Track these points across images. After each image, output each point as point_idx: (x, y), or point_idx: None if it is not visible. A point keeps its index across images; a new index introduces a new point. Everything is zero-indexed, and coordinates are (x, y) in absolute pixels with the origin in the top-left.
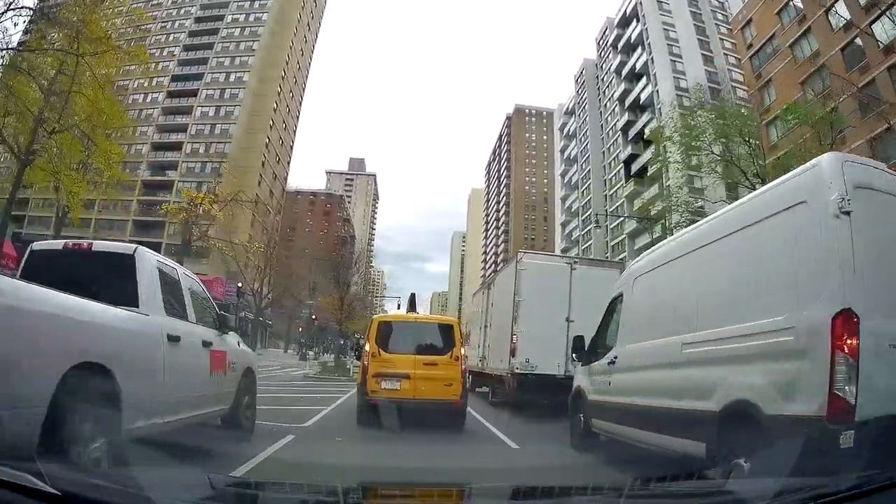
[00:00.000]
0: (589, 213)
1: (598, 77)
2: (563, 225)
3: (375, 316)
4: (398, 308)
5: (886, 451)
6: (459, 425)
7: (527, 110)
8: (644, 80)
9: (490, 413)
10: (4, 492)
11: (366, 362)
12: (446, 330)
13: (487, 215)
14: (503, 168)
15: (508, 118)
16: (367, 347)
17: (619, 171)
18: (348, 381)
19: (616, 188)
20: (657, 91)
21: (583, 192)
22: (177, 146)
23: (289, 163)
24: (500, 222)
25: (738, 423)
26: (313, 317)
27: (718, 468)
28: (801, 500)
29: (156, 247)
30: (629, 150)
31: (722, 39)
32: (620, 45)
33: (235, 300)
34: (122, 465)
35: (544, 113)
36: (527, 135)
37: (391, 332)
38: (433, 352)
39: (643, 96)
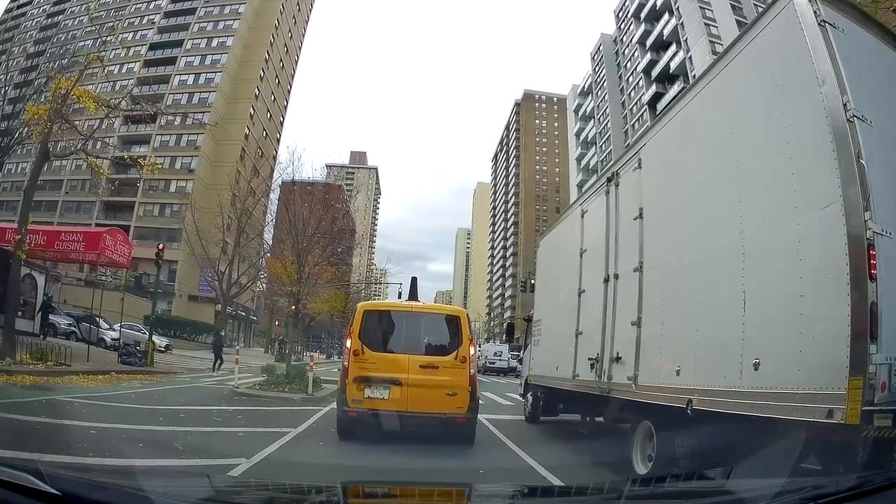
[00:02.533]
0: None
1: (617, 51)
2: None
3: (361, 303)
4: (399, 298)
5: None
6: (467, 443)
7: (536, 96)
8: (673, 47)
9: None
10: (4, 492)
11: (346, 363)
12: (451, 323)
13: (495, 208)
14: (511, 158)
15: (517, 104)
16: (348, 343)
17: None
18: (306, 402)
19: None
20: (690, 57)
21: None
22: (151, 118)
23: (278, 140)
24: (509, 214)
25: None
26: (292, 307)
27: (719, 468)
28: (801, 500)
29: (125, 230)
30: None
31: (755, 4)
32: (644, 13)
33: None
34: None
35: (555, 99)
36: (536, 122)
37: (380, 325)
38: (433, 351)
39: (673, 64)
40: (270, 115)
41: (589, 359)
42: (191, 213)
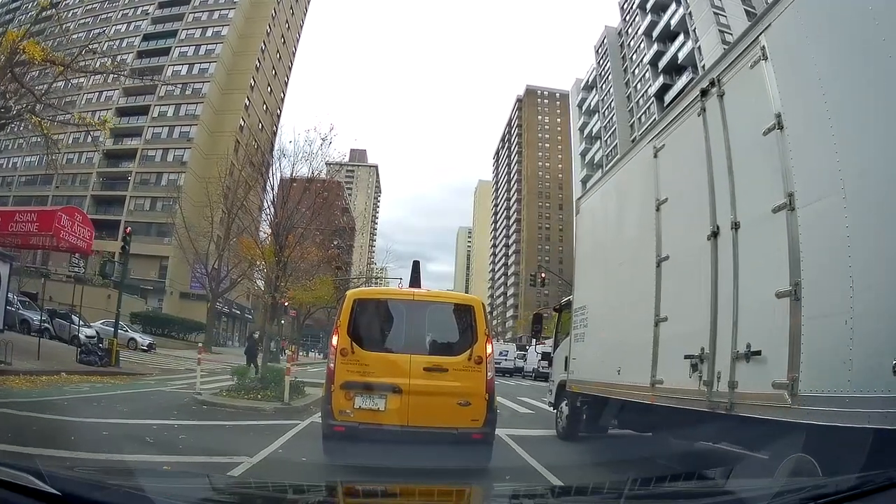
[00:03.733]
0: None
1: (622, 44)
2: None
3: (351, 290)
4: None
5: None
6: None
7: (539, 91)
8: (681, 37)
9: None
10: (4, 492)
11: (332, 364)
12: (463, 314)
13: (496, 206)
14: (514, 154)
15: (519, 100)
16: (333, 340)
17: None
18: (279, 415)
19: None
20: (699, 47)
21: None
22: (143, 110)
23: (274, 133)
24: (511, 212)
25: None
26: (284, 303)
27: (718, 468)
28: (801, 500)
29: (114, 225)
30: None
31: None
32: (650, 4)
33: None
34: (122, 466)
35: (557, 94)
36: (539, 117)
37: (375, 317)
38: (441, 350)
39: (681, 55)
40: (267, 108)
41: (686, 356)
42: (179, 208)
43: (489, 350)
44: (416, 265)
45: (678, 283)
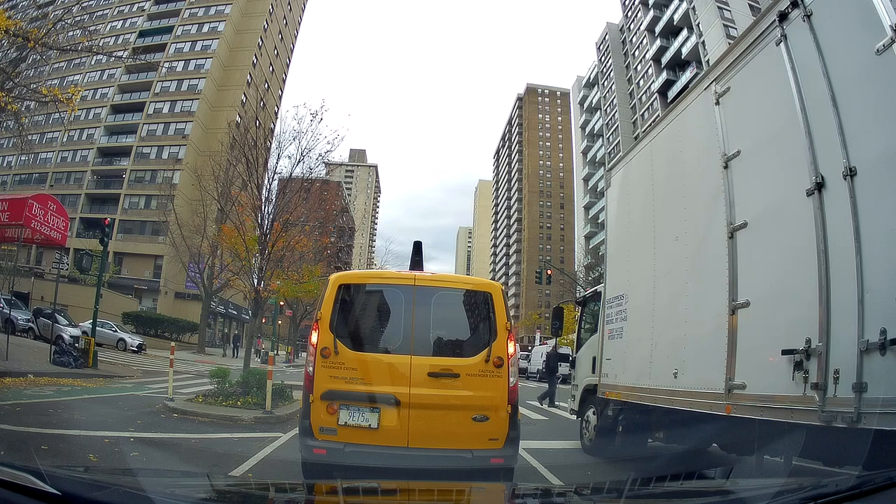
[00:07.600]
0: None
1: (624, 40)
2: (587, 208)
3: (335, 274)
4: None
5: None
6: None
7: (539, 90)
8: (685, 32)
9: None
10: (4, 492)
11: (310, 368)
12: (478, 304)
13: (497, 205)
14: (514, 153)
15: (520, 98)
16: (313, 337)
17: None
18: (259, 426)
19: None
20: (703, 42)
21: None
22: (138, 107)
23: (272, 130)
24: (512, 210)
25: None
26: (280, 303)
27: (718, 468)
28: (801, 499)
29: (110, 223)
30: None
31: None
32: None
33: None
34: (122, 465)
35: (558, 93)
36: (540, 116)
37: (365, 308)
38: (450, 349)
39: (685, 50)
40: (264, 104)
41: (785, 352)
42: (173, 206)
43: (511, 349)
44: (417, 245)
45: (763, 257)
